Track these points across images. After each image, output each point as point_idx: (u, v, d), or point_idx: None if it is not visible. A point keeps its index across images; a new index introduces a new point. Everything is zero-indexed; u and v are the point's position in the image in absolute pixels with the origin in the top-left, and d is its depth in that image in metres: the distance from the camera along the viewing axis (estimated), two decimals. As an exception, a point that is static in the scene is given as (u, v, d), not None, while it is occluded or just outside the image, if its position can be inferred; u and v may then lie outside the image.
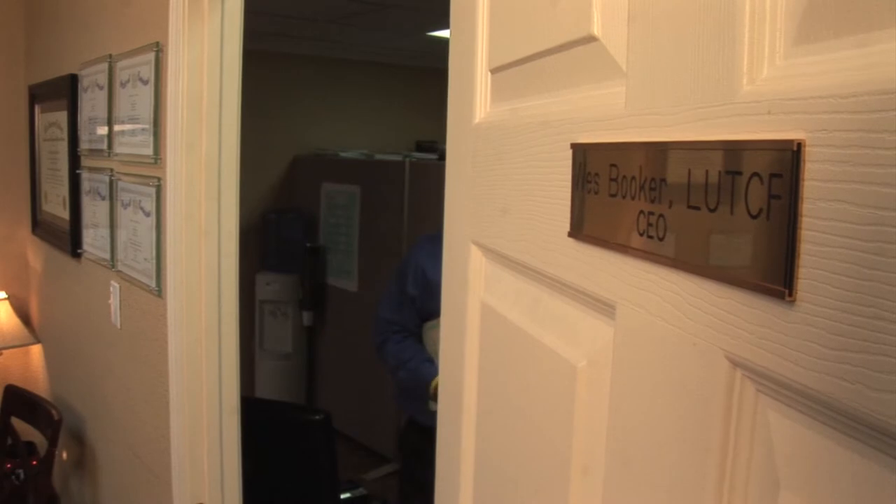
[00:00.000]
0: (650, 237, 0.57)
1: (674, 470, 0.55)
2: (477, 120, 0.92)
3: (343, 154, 5.74)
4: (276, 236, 5.73)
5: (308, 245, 5.58)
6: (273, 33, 5.15)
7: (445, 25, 0.99)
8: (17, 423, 3.61)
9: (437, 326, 2.24)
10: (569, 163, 0.68)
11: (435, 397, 2.33)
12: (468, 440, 0.93)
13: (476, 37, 0.92)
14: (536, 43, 0.78)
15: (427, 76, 7.05)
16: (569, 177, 0.68)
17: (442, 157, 6.05)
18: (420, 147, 6.00)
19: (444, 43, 0.99)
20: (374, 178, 5.27)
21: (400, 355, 2.61)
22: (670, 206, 0.55)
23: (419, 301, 2.53)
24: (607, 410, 0.63)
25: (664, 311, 0.55)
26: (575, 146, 0.67)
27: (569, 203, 0.68)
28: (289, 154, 6.09)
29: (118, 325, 2.89)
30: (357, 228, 5.35)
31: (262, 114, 5.13)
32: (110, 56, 2.80)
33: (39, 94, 3.81)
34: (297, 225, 5.73)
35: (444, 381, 1.01)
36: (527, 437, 0.78)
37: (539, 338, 0.74)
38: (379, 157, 5.67)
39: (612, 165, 0.61)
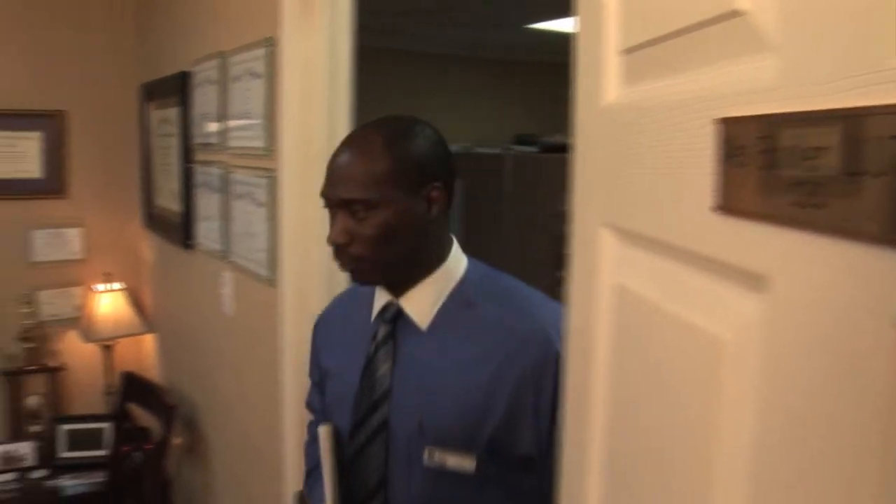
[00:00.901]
0: (804, 207, 0.56)
1: (833, 449, 0.53)
2: (607, 102, 0.91)
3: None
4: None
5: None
6: (374, 29, 5.21)
7: (543, 18, 0.98)
8: (133, 408, 3.75)
9: None
10: (710, 139, 0.67)
11: None
12: (596, 431, 0.93)
13: (605, 18, 0.91)
14: (672, 22, 0.77)
15: (527, 69, 7.04)
16: (711, 153, 0.67)
17: (543, 150, 6.04)
18: (519, 140, 6.00)
19: (543, 35, 0.98)
20: (476, 171, 5.29)
21: (306, 458, 1.94)
22: (827, 175, 0.54)
23: (322, 387, 1.86)
24: (755, 389, 0.62)
25: (821, 280, 0.54)
26: (720, 121, 0.66)
27: (711, 179, 0.67)
28: (392, 148, 6.15)
29: (230, 315, 2.97)
30: (458, 221, 5.37)
31: (364, 108, 5.21)
32: (222, 52, 2.88)
33: (152, 92, 3.95)
34: (402, 219, 5.77)
35: (570, 373, 1.00)
36: (664, 421, 0.77)
37: (682, 315, 0.73)
38: (479, 150, 5.69)
39: (761, 138, 0.60)
